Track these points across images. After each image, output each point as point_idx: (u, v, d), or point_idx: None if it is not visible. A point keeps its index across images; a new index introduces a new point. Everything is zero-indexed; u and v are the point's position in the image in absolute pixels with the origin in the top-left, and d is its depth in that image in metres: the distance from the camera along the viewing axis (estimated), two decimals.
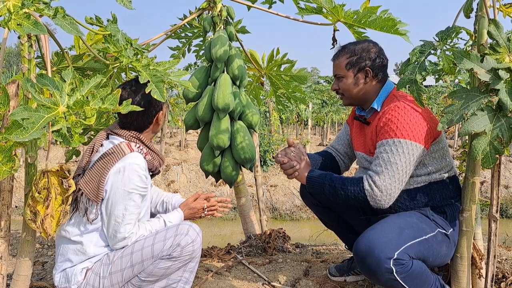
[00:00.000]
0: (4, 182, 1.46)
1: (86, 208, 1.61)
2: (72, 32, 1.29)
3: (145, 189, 1.68)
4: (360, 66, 1.81)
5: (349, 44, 1.88)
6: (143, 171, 1.66)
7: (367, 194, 1.63)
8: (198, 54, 2.94)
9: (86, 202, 1.62)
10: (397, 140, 1.62)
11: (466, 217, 1.68)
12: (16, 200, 8.51)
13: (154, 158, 1.79)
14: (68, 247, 1.67)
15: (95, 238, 1.66)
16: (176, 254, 1.62)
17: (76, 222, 1.65)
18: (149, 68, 1.58)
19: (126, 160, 1.64)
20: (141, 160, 1.67)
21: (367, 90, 1.84)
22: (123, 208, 1.61)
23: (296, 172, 1.78)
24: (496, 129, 1.44)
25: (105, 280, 1.63)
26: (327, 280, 2.17)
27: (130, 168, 1.62)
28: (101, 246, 1.68)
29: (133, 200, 1.63)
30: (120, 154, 1.65)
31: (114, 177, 1.61)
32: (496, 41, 1.52)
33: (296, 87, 2.85)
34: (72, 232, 1.65)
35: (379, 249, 1.53)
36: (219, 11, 2.41)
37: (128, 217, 1.62)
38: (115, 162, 1.63)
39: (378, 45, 1.86)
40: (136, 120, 1.74)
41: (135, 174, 1.62)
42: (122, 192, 1.61)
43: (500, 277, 2.02)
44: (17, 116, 1.19)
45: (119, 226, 1.62)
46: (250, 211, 2.82)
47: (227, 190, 9.54)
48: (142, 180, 1.65)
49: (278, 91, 2.93)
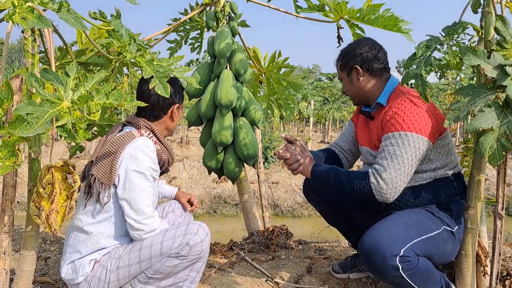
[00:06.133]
0: (7, 177, 1.46)
1: (99, 192, 1.63)
2: (77, 26, 1.28)
3: (157, 172, 1.71)
4: (349, 66, 1.84)
5: (343, 48, 1.92)
6: (154, 154, 1.68)
7: (373, 187, 1.62)
8: (194, 47, 2.91)
9: (99, 186, 1.64)
10: (403, 133, 1.62)
11: (471, 215, 1.67)
12: (18, 195, 8.52)
13: (163, 150, 1.79)
14: (78, 237, 1.68)
15: (107, 229, 1.67)
16: (184, 253, 1.62)
17: (90, 210, 1.67)
18: (153, 63, 1.58)
19: (136, 142, 1.66)
20: (150, 143, 1.70)
21: (365, 86, 1.84)
22: (141, 188, 1.62)
23: (301, 167, 1.77)
24: (504, 125, 1.43)
25: (111, 274, 1.64)
26: (330, 277, 2.16)
27: (141, 150, 1.64)
28: (112, 238, 1.68)
29: (148, 181, 1.65)
30: (130, 138, 1.67)
31: (127, 160, 1.63)
32: (503, 37, 1.50)
33: (290, 96, 2.87)
34: (85, 221, 1.66)
35: (385, 246, 1.52)
36: (222, 7, 2.40)
37: (148, 198, 1.64)
38: (126, 145, 1.65)
39: (370, 41, 1.86)
40: (150, 109, 1.76)
41: (146, 155, 1.64)
42: (137, 174, 1.62)
43: (505, 275, 2.02)
44: (21, 111, 1.18)
45: (141, 207, 1.61)
46: (253, 207, 2.81)
47: (229, 186, 9.54)
48: (153, 161, 1.67)
49: (273, 95, 2.93)
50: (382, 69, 1.83)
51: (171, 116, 1.81)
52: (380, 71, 1.83)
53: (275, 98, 2.93)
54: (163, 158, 1.79)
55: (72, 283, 1.67)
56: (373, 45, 1.83)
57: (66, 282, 1.71)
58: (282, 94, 2.87)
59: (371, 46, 1.82)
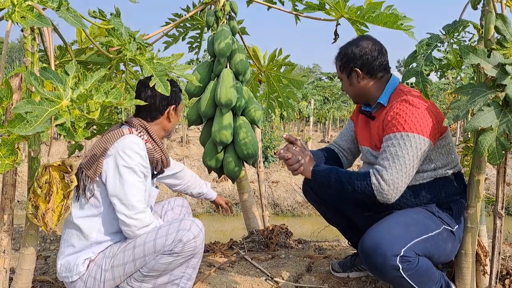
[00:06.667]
0: (7, 176, 1.46)
1: (85, 186, 1.65)
2: (76, 24, 1.28)
3: (147, 169, 1.70)
4: (349, 68, 1.82)
5: (343, 46, 1.88)
6: (143, 151, 1.68)
7: (374, 188, 1.62)
8: (192, 46, 2.91)
9: (85, 179, 1.65)
10: (404, 134, 1.61)
11: (471, 214, 1.67)
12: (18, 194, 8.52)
13: (155, 149, 1.78)
14: (71, 232, 1.69)
15: (97, 224, 1.67)
16: (178, 249, 1.61)
17: (79, 204, 1.68)
18: (153, 61, 1.57)
19: (125, 139, 1.67)
20: (139, 140, 1.70)
21: (365, 88, 1.83)
22: (131, 184, 1.62)
23: (301, 167, 1.76)
24: (503, 124, 1.42)
25: (107, 273, 1.64)
26: (330, 276, 2.16)
27: (129, 147, 1.65)
28: (103, 233, 1.68)
29: (138, 176, 1.65)
30: (119, 135, 1.68)
31: (116, 157, 1.64)
32: (504, 36, 1.50)
33: (290, 93, 2.86)
34: (75, 214, 1.68)
35: (385, 246, 1.52)
36: (222, 6, 2.40)
37: (138, 193, 1.64)
38: (114, 141, 1.66)
39: (371, 40, 1.82)
40: (147, 110, 1.78)
41: (134, 152, 1.65)
42: (126, 169, 1.63)
43: (504, 274, 2.01)
44: (20, 109, 1.18)
45: (132, 202, 1.61)
46: (253, 206, 2.81)
47: (229, 185, 9.54)
48: (143, 158, 1.67)
49: (273, 93, 2.93)
50: (382, 70, 1.81)
51: (168, 117, 1.82)
52: (380, 73, 1.81)
53: (275, 96, 2.92)
54: (155, 157, 1.78)
55: (66, 280, 1.68)
56: (373, 45, 1.79)
57: (60, 280, 1.72)
58: (283, 92, 2.87)
59: (371, 48, 1.79)
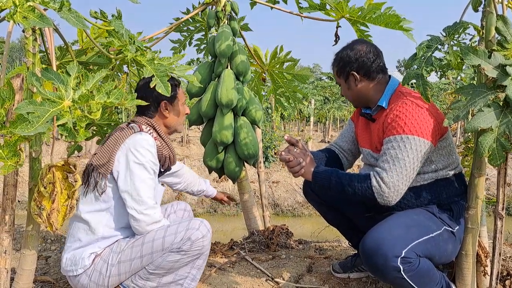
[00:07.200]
0: (8, 176, 1.46)
1: (96, 182, 1.67)
2: (78, 25, 1.28)
3: (157, 167, 1.73)
4: (346, 72, 1.82)
5: (338, 52, 1.88)
6: (153, 148, 1.71)
7: (375, 191, 1.62)
8: (199, 48, 2.95)
9: (97, 176, 1.67)
10: (404, 136, 1.61)
11: (472, 215, 1.67)
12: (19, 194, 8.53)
13: (163, 146, 1.81)
14: (78, 226, 1.70)
15: (105, 219, 1.69)
16: (186, 247, 1.62)
17: (88, 199, 1.69)
18: (154, 62, 1.58)
19: (136, 136, 1.70)
20: (150, 137, 1.73)
21: (364, 91, 1.83)
22: (142, 180, 1.65)
23: (302, 169, 1.76)
24: (503, 125, 1.43)
25: (113, 268, 1.65)
26: (331, 276, 2.17)
27: (140, 144, 1.67)
28: (111, 228, 1.70)
29: (149, 173, 1.67)
30: (130, 131, 1.71)
31: (127, 153, 1.66)
32: (504, 37, 1.50)
33: (296, 87, 2.87)
34: (83, 209, 1.69)
35: (386, 247, 1.52)
36: (223, 6, 2.40)
37: (148, 189, 1.66)
38: (125, 138, 1.69)
39: (365, 43, 1.82)
40: (143, 108, 1.82)
41: (145, 149, 1.68)
42: (137, 165, 1.65)
43: (505, 275, 2.02)
44: (22, 110, 1.18)
45: (143, 197, 1.63)
46: (253, 207, 2.82)
47: (229, 186, 9.54)
48: (153, 155, 1.70)
49: (278, 90, 2.94)
50: (379, 71, 1.81)
51: (161, 112, 1.83)
52: (377, 74, 1.81)
53: (282, 91, 2.95)
54: (164, 154, 1.81)
55: (70, 274, 1.68)
56: (368, 48, 1.80)
57: (65, 274, 1.72)
58: (288, 87, 2.89)
59: (366, 50, 1.79)
